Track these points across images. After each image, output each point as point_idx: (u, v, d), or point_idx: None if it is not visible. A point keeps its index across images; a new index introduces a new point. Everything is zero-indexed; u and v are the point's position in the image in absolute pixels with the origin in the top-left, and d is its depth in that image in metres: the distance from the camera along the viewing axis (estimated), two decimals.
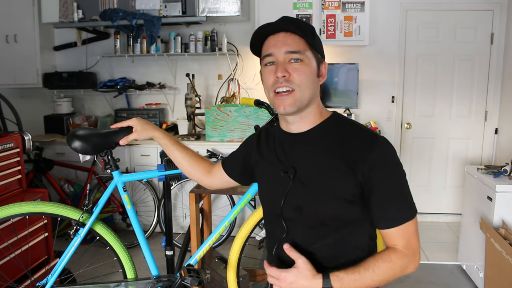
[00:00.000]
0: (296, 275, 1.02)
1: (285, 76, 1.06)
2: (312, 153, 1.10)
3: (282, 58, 1.07)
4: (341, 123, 1.13)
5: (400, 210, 1.04)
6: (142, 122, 1.50)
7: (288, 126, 1.15)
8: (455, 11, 3.77)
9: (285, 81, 1.06)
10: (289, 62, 1.07)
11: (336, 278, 1.00)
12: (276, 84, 1.07)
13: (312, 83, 1.09)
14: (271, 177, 1.17)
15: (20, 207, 1.72)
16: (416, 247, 1.05)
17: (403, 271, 1.05)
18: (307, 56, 1.07)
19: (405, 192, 1.06)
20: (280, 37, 1.08)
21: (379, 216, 1.05)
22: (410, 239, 1.04)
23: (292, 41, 1.07)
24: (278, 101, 1.08)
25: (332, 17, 3.56)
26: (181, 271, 1.75)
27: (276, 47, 1.07)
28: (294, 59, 1.06)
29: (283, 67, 1.06)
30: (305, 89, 1.07)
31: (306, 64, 1.07)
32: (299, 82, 1.06)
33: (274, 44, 1.08)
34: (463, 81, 3.87)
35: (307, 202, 1.08)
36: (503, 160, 3.49)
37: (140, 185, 3.60)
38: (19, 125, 2.83)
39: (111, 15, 3.55)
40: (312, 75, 1.09)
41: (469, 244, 2.89)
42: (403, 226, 1.04)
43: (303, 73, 1.06)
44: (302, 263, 1.03)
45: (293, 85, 1.06)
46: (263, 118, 3.34)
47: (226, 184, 1.41)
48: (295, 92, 1.06)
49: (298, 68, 1.06)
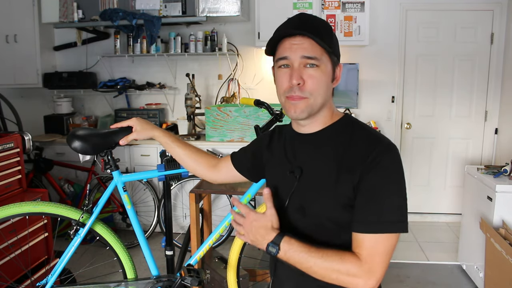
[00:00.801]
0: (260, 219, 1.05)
1: (299, 84, 1.03)
2: (319, 154, 1.09)
3: (297, 63, 1.04)
4: (350, 126, 1.11)
5: (381, 218, 0.96)
6: (142, 122, 1.50)
7: (298, 127, 1.15)
8: (455, 11, 3.77)
9: (299, 89, 1.03)
10: (305, 67, 1.04)
11: (287, 241, 1.01)
12: (290, 92, 1.05)
13: (326, 90, 1.07)
14: (278, 175, 1.17)
15: (20, 207, 1.72)
16: (375, 267, 0.95)
17: (349, 281, 0.96)
18: (323, 61, 1.05)
19: (395, 203, 0.97)
20: (297, 40, 1.04)
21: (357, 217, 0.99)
22: (373, 253, 0.95)
23: (309, 45, 1.03)
24: (289, 105, 1.06)
25: (332, 17, 3.56)
26: (181, 271, 1.75)
27: (292, 51, 1.04)
28: (309, 64, 1.03)
29: (298, 73, 1.03)
30: (318, 97, 1.05)
31: (322, 70, 1.04)
32: (312, 90, 1.04)
33: (289, 47, 1.04)
34: (463, 81, 3.87)
35: (310, 203, 1.08)
36: (503, 160, 3.49)
37: (140, 185, 3.60)
38: (19, 125, 2.83)
39: (111, 15, 3.55)
40: (326, 80, 1.06)
41: (469, 244, 2.89)
42: (372, 236, 0.96)
43: (317, 80, 1.04)
44: (270, 214, 1.06)
45: (306, 94, 1.04)
46: (263, 118, 3.34)
47: (233, 178, 1.39)
48: (308, 100, 1.04)
49: (313, 75, 1.03)
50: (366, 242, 0.96)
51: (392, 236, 0.96)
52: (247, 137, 3.44)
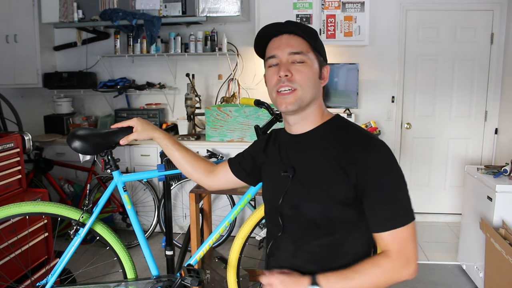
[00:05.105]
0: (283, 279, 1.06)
1: (287, 76, 1.08)
2: (312, 153, 1.12)
3: (285, 59, 1.10)
4: (342, 125, 1.14)
5: (392, 214, 1.02)
6: (143, 122, 1.51)
7: (290, 128, 1.18)
8: (455, 11, 3.77)
9: (287, 80, 1.08)
10: (292, 63, 1.09)
11: (323, 277, 1.02)
12: (279, 84, 1.09)
13: (313, 84, 1.11)
14: (273, 176, 1.19)
15: (20, 207, 1.72)
16: (410, 254, 1.02)
17: (395, 277, 1.02)
18: (309, 57, 1.10)
19: (401, 196, 1.04)
20: (283, 39, 1.11)
21: (371, 219, 1.04)
22: (403, 245, 1.02)
23: (295, 42, 1.10)
24: (280, 99, 1.10)
25: (332, 17, 3.56)
26: (181, 271, 1.75)
27: (280, 49, 1.10)
28: (297, 60, 1.09)
29: (286, 67, 1.09)
30: (307, 89, 1.09)
31: (309, 65, 1.10)
32: (301, 82, 1.08)
33: (277, 46, 1.11)
34: (463, 81, 3.87)
35: (304, 202, 1.10)
36: (503, 160, 3.49)
37: (140, 185, 3.60)
38: (19, 125, 2.83)
39: (111, 15, 3.55)
40: (314, 76, 1.11)
41: (469, 244, 2.89)
42: (396, 231, 1.01)
43: (305, 73, 1.09)
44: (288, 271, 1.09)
45: (295, 85, 1.08)
46: (263, 118, 3.34)
47: (229, 184, 1.41)
48: (297, 91, 1.08)
49: (300, 69, 1.09)
50: (392, 238, 1.02)
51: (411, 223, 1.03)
52: (247, 137, 3.44)
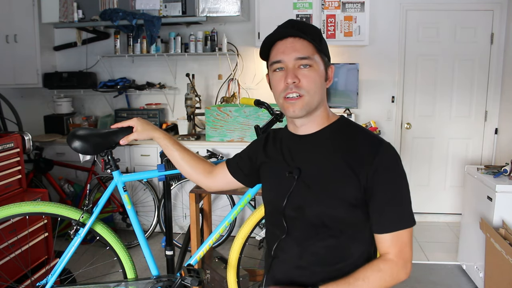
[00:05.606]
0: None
1: (295, 82, 1.07)
2: (318, 154, 1.11)
3: (291, 64, 1.08)
4: (348, 127, 1.14)
5: (397, 217, 1.05)
6: (143, 122, 1.51)
7: (295, 128, 1.17)
8: (455, 11, 3.77)
9: (295, 87, 1.07)
10: (299, 67, 1.07)
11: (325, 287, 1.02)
12: (286, 90, 1.08)
13: (320, 88, 1.10)
14: (275, 177, 1.18)
15: (20, 207, 1.72)
16: (407, 257, 1.06)
17: (394, 280, 1.05)
18: (315, 61, 1.08)
19: (405, 200, 1.07)
20: (288, 42, 1.08)
21: (375, 220, 1.06)
22: (403, 247, 1.05)
23: (300, 46, 1.07)
24: (287, 105, 1.09)
25: (332, 17, 3.56)
26: (181, 271, 1.75)
27: (285, 54, 1.08)
28: (303, 65, 1.07)
29: (293, 73, 1.07)
30: (314, 94, 1.08)
31: (315, 69, 1.08)
32: (308, 88, 1.07)
33: (283, 50, 1.08)
34: (463, 81, 3.87)
35: (309, 203, 1.09)
36: (503, 160, 3.49)
37: (140, 185, 3.60)
38: (19, 125, 2.83)
39: (111, 15, 3.55)
40: (320, 79, 1.10)
41: (469, 244, 2.89)
42: (397, 233, 1.05)
43: (312, 79, 1.08)
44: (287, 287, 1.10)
45: (302, 91, 1.07)
46: (263, 118, 3.34)
47: (228, 185, 1.40)
48: (305, 97, 1.07)
49: (307, 74, 1.07)
50: (393, 241, 1.05)
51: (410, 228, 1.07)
52: (247, 137, 3.44)
